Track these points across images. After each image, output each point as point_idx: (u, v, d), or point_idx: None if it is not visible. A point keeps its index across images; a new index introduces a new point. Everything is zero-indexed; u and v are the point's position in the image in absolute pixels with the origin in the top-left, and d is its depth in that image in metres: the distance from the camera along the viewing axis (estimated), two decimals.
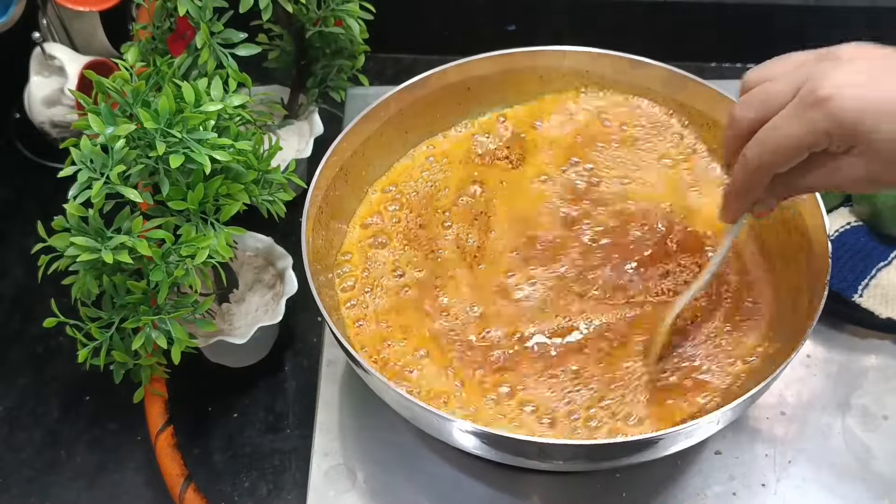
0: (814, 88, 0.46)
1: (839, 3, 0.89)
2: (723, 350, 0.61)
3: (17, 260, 0.79)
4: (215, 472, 0.66)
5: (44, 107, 0.80)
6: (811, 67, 0.47)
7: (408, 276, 0.66)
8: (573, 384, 0.59)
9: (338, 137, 0.66)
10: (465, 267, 0.66)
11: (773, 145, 0.49)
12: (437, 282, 0.65)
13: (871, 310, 0.69)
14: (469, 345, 0.62)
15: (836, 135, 0.47)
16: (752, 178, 0.51)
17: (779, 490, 0.62)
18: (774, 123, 0.48)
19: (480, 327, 0.62)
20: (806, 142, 0.47)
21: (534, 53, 0.72)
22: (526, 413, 0.58)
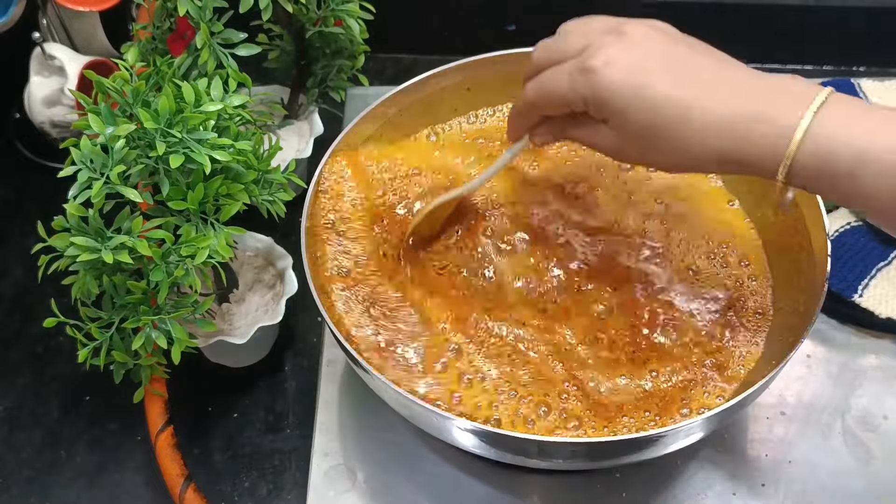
0: (589, 56, 0.51)
1: (839, 4, 0.89)
2: (722, 349, 0.61)
3: (17, 260, 0.79)
4: (215, 472, 0.66)
5: (44, 107, 0.80)
6: (600, 35, 0.52)
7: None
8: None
9: (338, 137, 0.66)
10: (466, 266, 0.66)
11: (543, 90, 0.54)
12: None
13: (871, 310, 0.69)
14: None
15: (591, 104, 0.51)
16: (524, 108, 0.57)
17: (779, 490, 0.62)
18: (551, 72, 0.54)
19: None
20: (566, 99, 0.53)
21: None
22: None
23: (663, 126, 0.50)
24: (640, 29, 0.52)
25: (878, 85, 0.85)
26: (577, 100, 0.52)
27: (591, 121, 0.53)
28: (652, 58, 0.50)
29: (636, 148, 0.52)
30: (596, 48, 0.51)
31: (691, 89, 0.49)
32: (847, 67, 0.93)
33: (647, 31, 0.52)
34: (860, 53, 0.92)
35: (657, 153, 0.52)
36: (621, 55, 0.50)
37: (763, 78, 0.51)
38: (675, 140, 0.50)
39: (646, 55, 0.50)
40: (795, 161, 0.47)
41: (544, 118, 0.57)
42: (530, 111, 0.57)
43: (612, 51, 0.50)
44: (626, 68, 0.50)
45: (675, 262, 0.64)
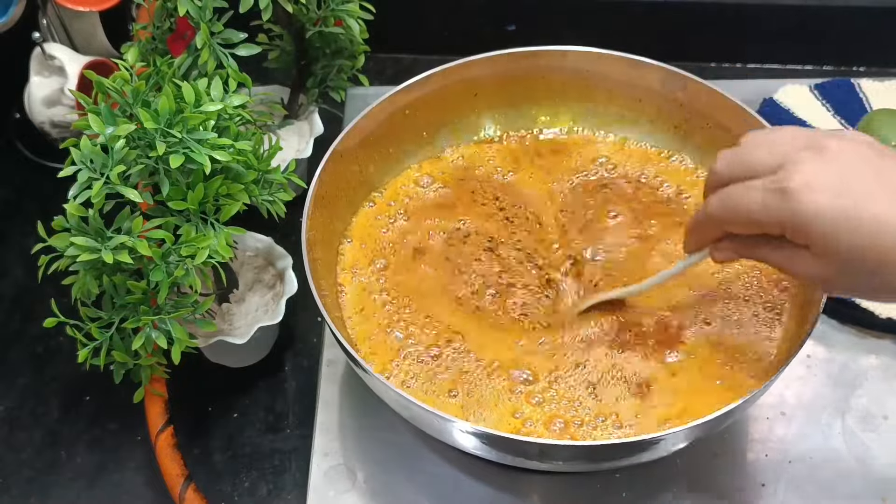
0: (786, 176, 0.46)
1: (840, 3, 0.89)
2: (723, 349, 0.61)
3: (17, 260, 0.79)
4: (215, 472, 0.66)
5: (44, 107, 0.80)
6: (796, 151, 0.47)
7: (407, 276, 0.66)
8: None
9: (338, 137, 0.66)
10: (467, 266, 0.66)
11: (731, 206, 0.50)
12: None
13: (871, 310, 0.69)
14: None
15: (790, 229, 0.47)
16: (706, 222, 0.52)
17: (779, 490, 0.62)
18: (742, 188, 0.49)
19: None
20: (759, 220, 0.48)
21: (534, 53, 0.72)
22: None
23: (881, 252, 0.45)
24: (841, 143, 0.47)
25: (878, 85, 0.85)
26: (772, 223, 0.47)
27: (787, 245, 0.48)
28: (859, 176, 0.46)
29: (847, 276, 0.47)
30: (794, 166, 0.46)
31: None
32: (847, 67, 0.93)
33: (849, 146, 0.47)
34: (860, 53, 0.92)
35: (875, 280, 0.46)
36: (823, 174, 0.46)
37: None
38: (888, 271, 0.45)
39: (852, 173, 0.46)
40: None
41: (729, 234, 0.53)
42: (708, 225, 0.53)
43: (811, 169, 0.46)
44: (831, 189, 0.45)
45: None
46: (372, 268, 0.67)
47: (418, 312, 0.64)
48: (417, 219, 0.69)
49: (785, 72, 0.93)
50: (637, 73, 0.71)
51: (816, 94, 0.85)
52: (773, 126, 0.52)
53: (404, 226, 0.69)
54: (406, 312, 0.64)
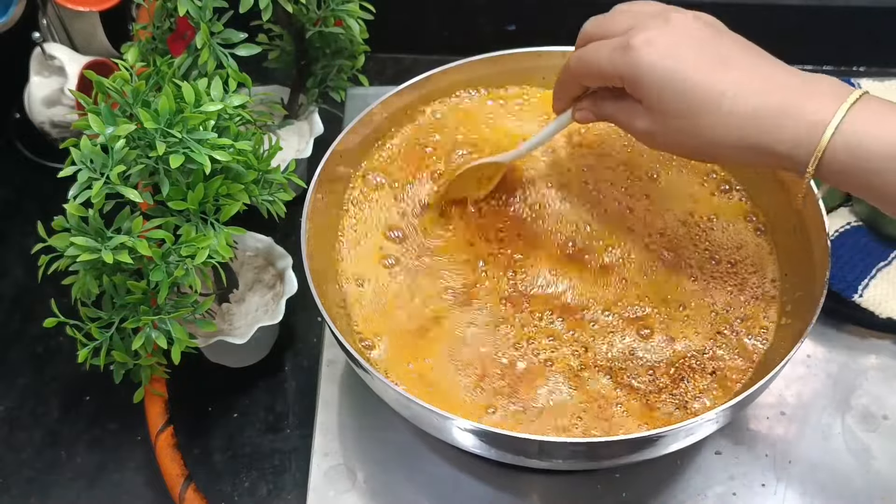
0: (632, 35, 0.53)
1: (841, 3, 0.89)
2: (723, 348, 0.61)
3: (17, 260, 0.79)
4: (215, 472, 0.66)
5: (44, 107, 0.80)
6: (646, 18, 0.54)
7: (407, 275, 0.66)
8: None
9: (338, 137, 0.66)
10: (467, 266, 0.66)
11: (583, 60, 0.56)
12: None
13: (871, 310, 0.69)
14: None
15: (627, 80, 0.53)
16: (566, 77, 0.59)
17: (779, 490, 0.62)
18: (595, 45, 0.56)
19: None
20: (604, 71, 0.54)
21: (534, 53, 0.72)
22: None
23: (695, 109, 0.51)
24: (685, 17, 0.53)
25: (878, 85, 0.85)
26: (613, 74, 0.54)
27: (629, 101, 0.55)
28: (691, 44, 0.52)
29: (667, 130, 0.53)
30: (640, 29, 0.53)
31: (725, 77, 0.51)
32: (847, 67, 0.93)
33: (692, 20, 0.53)
34: (860, 53, 0.92)
35: (687, 137, 0.52)
36: (662, 37, 0.52)
37: (798, 75, 0.52)
38: (706, 125, 0.51)
39: (685, 40, 0.52)
40: (825, 155, 0.48)
41: (587, 94, 0.59)
42: (572, 81, 0.59)
43: (653, 33, 0.52)
44: (664, 50, 0.51)
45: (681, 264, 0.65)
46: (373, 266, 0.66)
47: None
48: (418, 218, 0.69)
49: None
50: None
51: None
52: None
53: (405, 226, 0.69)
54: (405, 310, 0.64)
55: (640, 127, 0.55)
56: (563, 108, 0.62)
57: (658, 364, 0.60)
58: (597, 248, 0.66)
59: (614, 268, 0.64)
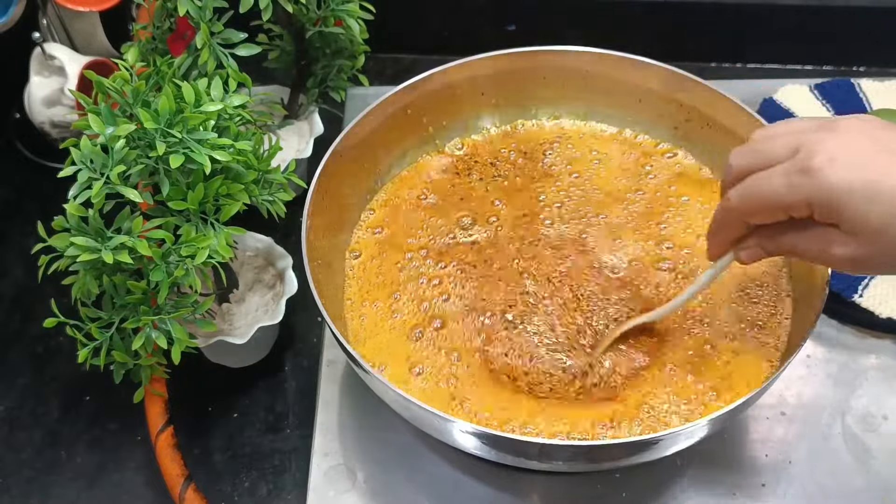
0: (807, 156, 0.46)
1: (840, 4, 0.89)
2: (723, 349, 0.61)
3: (17, 260, 0.79)
4: (215, 472, 0.66)
5: (44, 107, 0.80)
6: (809, 134, 0.48)
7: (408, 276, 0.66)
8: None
9: (338, 137, 0.66)
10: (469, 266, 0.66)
11: (754, 193, 0.49)
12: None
13: (871, 310, 0.69)
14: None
15: (818, 206, 0.47)
16: (726, 217, 0.52)
17: (779, 490, 0.62)
18: (762, 175, 0.49)
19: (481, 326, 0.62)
20: (786, 201, 0.48)
21: (534, 53, 0.72)
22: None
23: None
24: (851, 122, 0.48)
25: (878, 85, 0.85)
26: (798, 203, 0.47)
27: (818, 228, 0.48)
28: (875, 149, 0.46)
29: (878, 250, 0.46)
30: (813, 146, 0.46)
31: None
32: (847, 67, 0.93)
33: (859, 123, 0.48)
34: (860, 53, 0.92)
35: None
36: (843, 150, 0.46)
37: None
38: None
39: (869, 146, 0.46)
40: None
41: (752, 230, 0.52)
42: (729, 219, 0.52)
43: (830, 145, 0.46)
44: (853, 162, 0.45)
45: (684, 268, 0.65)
46: (372, 268, 0.67)
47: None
48: (417, 219, 0.69)
49: (785, 72, 0.93)
50: (637, 73, 0.71)
51: (816, 94, 0.85)
52: (772, 124, 0.52)
53: (405, 226, 0.69)
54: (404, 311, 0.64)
55: (839, 253, 0.47)
56: (723, 253, 0.55)
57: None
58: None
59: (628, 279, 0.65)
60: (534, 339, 0.61)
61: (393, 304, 0.64)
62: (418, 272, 0.66)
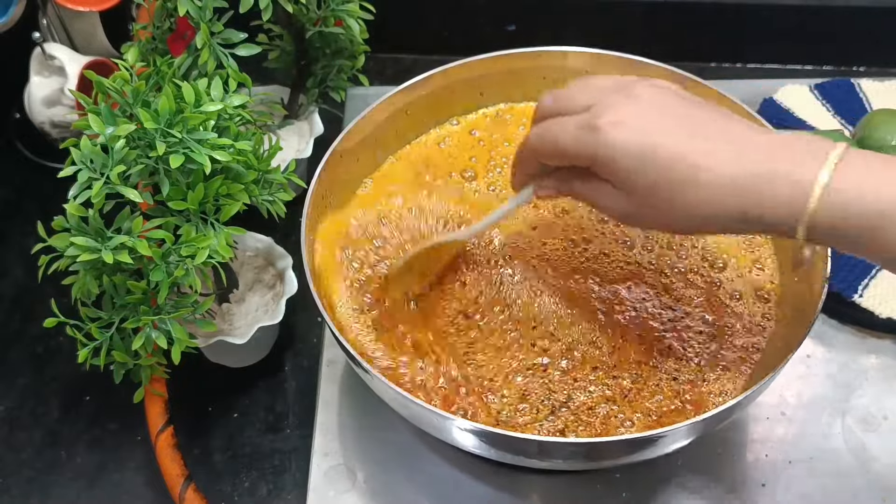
0: (597, 114, 0.50)
1: (839, 4, 0.89)
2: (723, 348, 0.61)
3: (17, 260, 0.79)
4: (215, 472, 0.66)
5: (44, 107, 0.80)
6: (608, 94, 0.51)
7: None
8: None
9: (338, 137, 0.66)
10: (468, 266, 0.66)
11: (547, 139, 0.53)
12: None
13: (871, 310, 0.69)
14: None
15: (597, 162, 0.50)
16: (524, 154, 0.56)
17: (779, 490, 0.62)
18: (558, 121, 0.52)
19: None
20: (570, 152, 0.51)
21: (534, 54, 0.72)
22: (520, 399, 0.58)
23: (674, 187, 0.48)
24: (648, 89, 0.51)
25: (878, 85, 0.85)
26: (582, 156, 0.51)
27: (595, 179, 0.52)
28: (659, 118, 0.49)
29: (645, 210, 0.50)
30: (604, 106, 0.50)
31: (699, 147, 0.48)
32: (847, 67, 0.93)
33: (656, 91, 0.51)
34: (860, 53, 0.92)
35: (667, 215, 0.50)
36: (629, 115, 0.49)
37: (773, 134, 0.49)
38: (686, 201, 0.48)
39: (653, 115, 0.49)
40: (815, 218, 0.46)
41: (550, 170, 0.55)
42: (526, 156, 0.56)
43: (620, 111, 0.49)
44: (635, 129, 0.49)
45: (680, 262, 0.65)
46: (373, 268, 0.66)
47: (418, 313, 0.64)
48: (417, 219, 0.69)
49: (785, 72, 0.93)
50: (637, 74, 0.71)
51: (816, 94, 0.85)
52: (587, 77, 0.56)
53: (405, 226, 0.69)
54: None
55: (612, 206, 0.52)
56: (523, 184, 0.58)
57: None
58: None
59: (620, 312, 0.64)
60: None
61: None
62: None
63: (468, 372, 0.60)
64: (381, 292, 0.62)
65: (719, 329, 0.62)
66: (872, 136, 0.75)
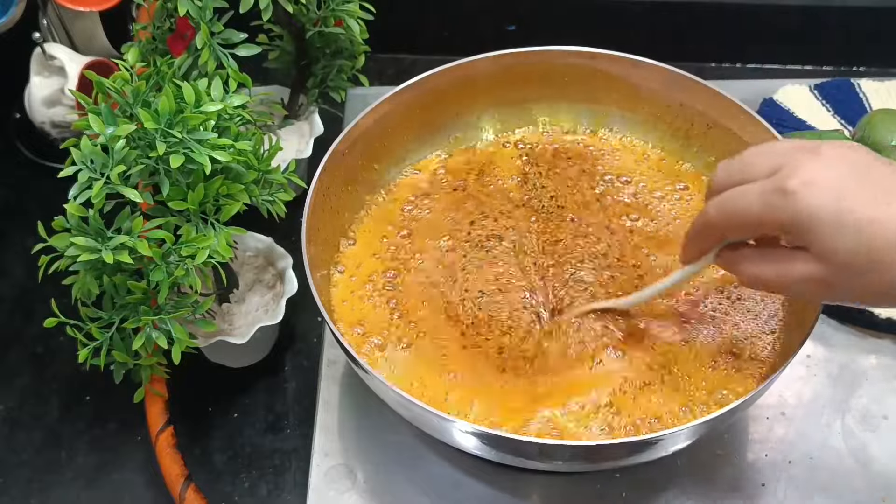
0: (786, 176, 0.47)
1: (839, 4, 0.89)
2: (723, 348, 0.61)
3: (17, 260, 0.79)
4: (215, 472, 0.66)
5: (44, 107, 0.80)
6: (794, 154, 0.48)
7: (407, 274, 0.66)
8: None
9: (338, 137, 0.66)
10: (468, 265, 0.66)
11: (730, 207, 0.50)
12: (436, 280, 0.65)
13: (871, 310, 0.69)
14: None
15: (789, 228, 0.47)
16: (704, 229, 0.52)
17: (779, 490, 0.62)
18: (741, 190, 0.49)
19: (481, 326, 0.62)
20: (758, 220, 0.48)
21: (534, 54, 0.72)
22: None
23: (876, 251, 0.45)
24: (836, 149, 0.48)
25: (879, 85, 0.85)
26: (771, 223, 0.48)
27: (784, 252, 0.49)
28: (854, 178, 0.46)
29: (844, 278, 0.47)
30: (792, 168, 0.47)
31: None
32: (847, 67, 0.93)
33: (844, 151, 0.48)
34: (860, 53, 0.92)
35: (868, 282, 0.46)
36: (821, 175, 0.46)
37: None
38: (888, 266, 0.45)
39: (848, 175, 0.46)
40: None
41: (728, 245, 0.53)
42: (706, 231, 0.52)
43: (811, 169, 0.46)
44: (830, 189, 0.45)
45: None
46: (373, 268, 0.67)
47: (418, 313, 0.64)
48: (418, 219, 0.69)
49: (785, 72, 0.93)
50: (637, 73, 0.71)
51: (816, 94, 0.85)
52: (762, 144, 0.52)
53: (405, 226, 0.69)
54: (406, 313, 0.64)
55: (809, 277, 0.48)
56: (695, 259, 0.55)
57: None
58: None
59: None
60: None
61: None
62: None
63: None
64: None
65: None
66: (872, 137, 0.75)
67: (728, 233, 0.51)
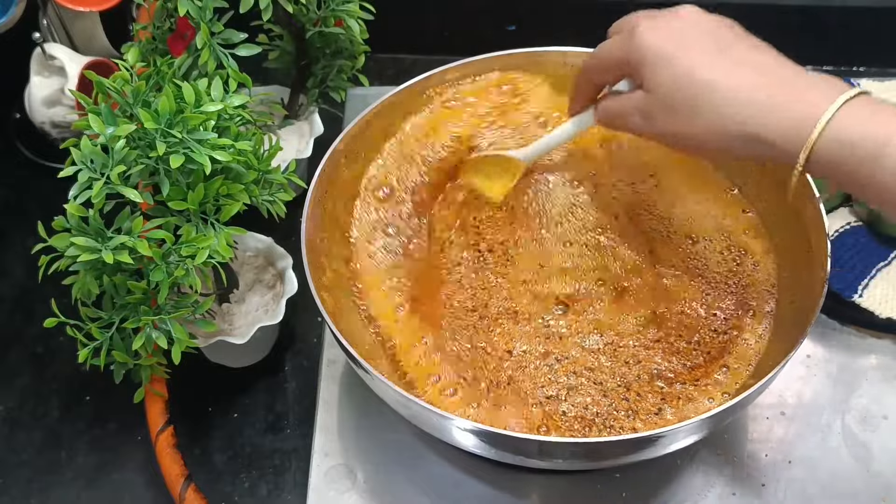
0: (639, 23, 0.54)
1: (839, 4, 0.89)
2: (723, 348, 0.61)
3: (17, 260, 0.79)
4: (215, 472, 0.66)
5: (44, 107, 0.80)
6: (658, 12, 0.55)
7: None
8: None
9: (338, 137, 0.66)
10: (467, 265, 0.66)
11: (597, 52, 0.58)
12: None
13: (871, 310, 0.69)
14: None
15: (631, 60, 0.54)
16: (580, 77, 0.60)
17: (779, 490, 0.62)
18: (609, 39, 0.57)
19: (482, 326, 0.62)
20: (617, 58, 0.56)
21: (534, 54, 0.72)
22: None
23: (690, 94, 0.51)
24: (695, 11, 0.54)
25: (878, 85, 0.85)
26: (620, 59, 0.55)
27: (630, 92, 0.56)
28: (694, 33, 0.53)
29: (662, 115, 0.53)
30: (648, 17, 0.54)
31: (723, 66, 0.51)
32: (847, 67, 0.93)
33: (701, 14, 0.54)
34: (860, 53, 0.92)
35: (680, 123, 0.52)
36: (667, 24, 0.53)
37: (801, 73, 0.52)
38: (699, 111, 0.51)
39: (689, 29, 0.53)
40: (816, 147, 0.48)
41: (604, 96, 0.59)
42: (585, 80, 0.60)
43: (660, 21, 0.54)
44: (666, 35, 0.53)
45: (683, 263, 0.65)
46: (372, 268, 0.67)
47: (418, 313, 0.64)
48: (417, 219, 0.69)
49: None
50: None
51: None
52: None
53: (405, 226, 0.69)
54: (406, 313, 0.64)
55: (639, 109, 0.55)
56: (578, 111, 0.61)
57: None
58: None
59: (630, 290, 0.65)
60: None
61: None
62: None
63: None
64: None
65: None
66: None
67: (596, 76, 0.59)
